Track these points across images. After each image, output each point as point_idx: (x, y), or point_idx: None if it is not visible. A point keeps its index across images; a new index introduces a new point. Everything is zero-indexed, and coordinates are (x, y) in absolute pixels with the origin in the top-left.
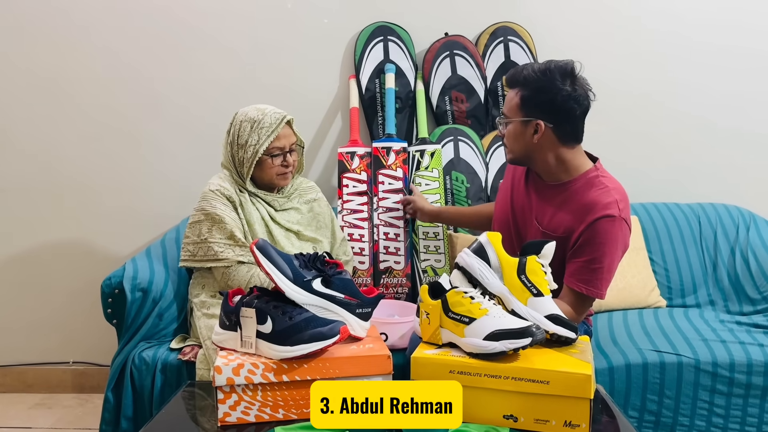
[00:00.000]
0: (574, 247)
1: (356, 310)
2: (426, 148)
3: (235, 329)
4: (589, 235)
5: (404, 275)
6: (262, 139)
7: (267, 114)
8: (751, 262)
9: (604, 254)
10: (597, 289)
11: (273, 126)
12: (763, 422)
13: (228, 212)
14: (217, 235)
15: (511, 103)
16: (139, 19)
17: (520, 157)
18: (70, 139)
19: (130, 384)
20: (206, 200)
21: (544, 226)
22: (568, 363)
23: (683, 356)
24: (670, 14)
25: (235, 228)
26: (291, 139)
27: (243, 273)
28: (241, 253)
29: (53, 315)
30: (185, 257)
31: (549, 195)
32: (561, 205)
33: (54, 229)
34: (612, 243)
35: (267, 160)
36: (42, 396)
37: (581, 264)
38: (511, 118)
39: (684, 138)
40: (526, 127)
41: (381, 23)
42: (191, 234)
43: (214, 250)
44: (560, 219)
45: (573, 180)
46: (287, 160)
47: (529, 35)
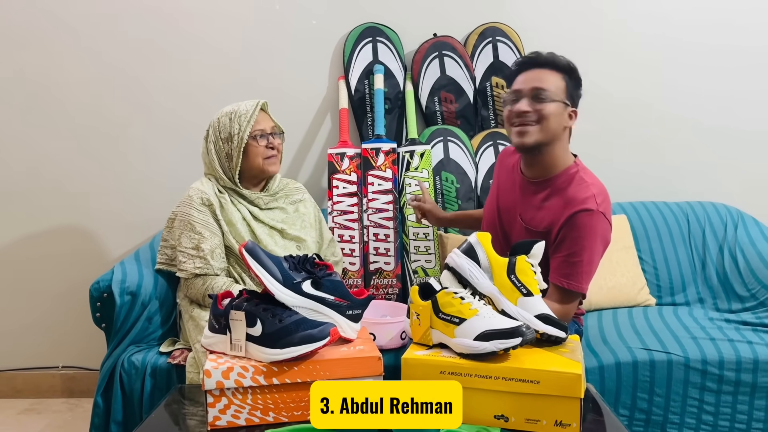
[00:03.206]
0: (555, 243)
1: (346, 312)
2: (416, 149)
3: (224, 332)
4: (567, 229)
5: (395, 276)
6: (243, 125)
7: (241, 104)
8: (739, 259)
9: (583, 248)
10: (578, 282)
11: (250, 111)
12: (752, 419)
13: (201, 218)
14: (184, 242)
15: (556, 84)
16: (127, 21)
17: (548, 139)
18: (58, 142)
19: (119, 388)
20: (182, 205)
21: (527, 221)
22: (558, 362)
23: (673, 354)
24: (656, 16)
25: (204, 239)
26: (269, 123)
27: (198, 286)
28: (200, 265)
29: (42, 319)
30: (161, 260)
31: (532, 191)
32: (543, 201)
33: (42, 232)
34: (591, 237)
35: (252, 145)
36: (31, 401)
37: (561, 259)
38: (556, 97)
39: (672, 137)
40: (565, 110)
41: (370, 24)
42: (168, 237)
43: (179, 259)
44: (542, 215)
45: (556, 176)
46: (272, 142)
47: (517, 36)
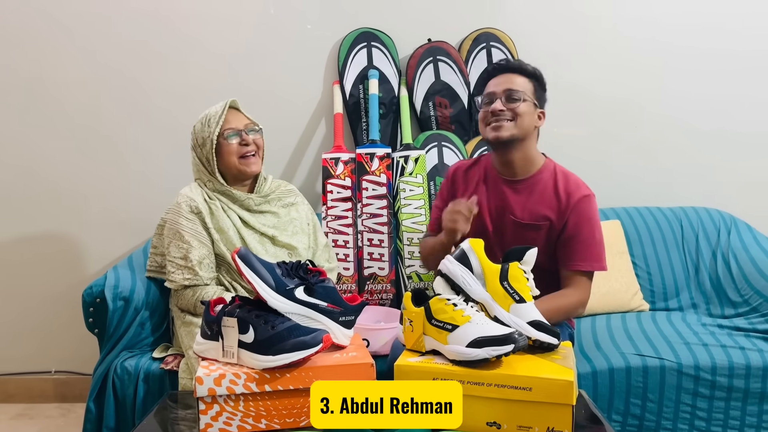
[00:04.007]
0: (564, 233)
1: (339, 318)
2: (410, 154)
3: (216, 339)
4: (576, 217)
5: (389, 281)
6: (213, 128)
7: (212, 108)
8: (732, 265)
9: (593, 229)
10: (601, 262)
11: (218, 113)
12: (744, 425)
13: (190, 227)
14: (173, 252)
15: (525, 86)
16: (124, 23)
17: (522, 135)
18: (53, 143)
19: (112, 394)
20: (170, 212)
21: (520, 217)
22: (550, 369)
23: (666, 360)
24: (647, 20)
25: (192, 248)
26: (243, 121)
27: (188, 297)
28: (188, 276)
29: (34, 323)
30: (151, 267)
31: (517, 189)
32: (530, 196)
33: (35, 235)
34: (597, 217)
35: (224, 144)
36: (23, 406)
37: (580, 245)
38: (527, 98)
39: (665, 142)
40: (535, 111)
41: (364, 29)
42: (158, 245)
43: (168, 269)
44: (536, 209)
45: (538, 172)
46: (245, 139)
47: (511, 41)
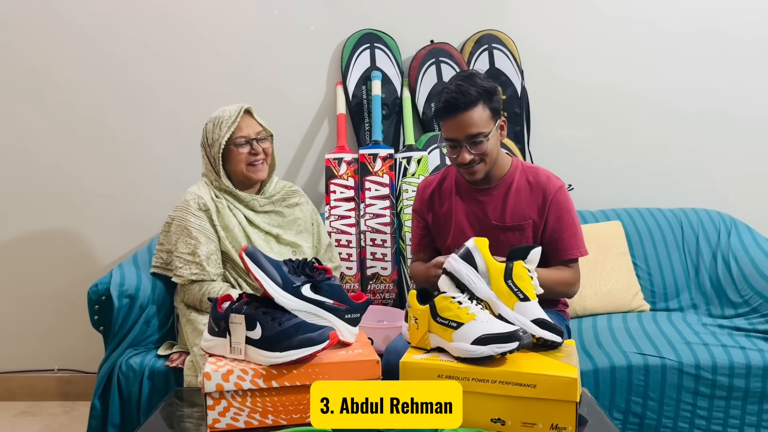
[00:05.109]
0: (548, 228)
1: (345, 316)
2: (412, 155)
3: (224, 335)
4: (556, 210)
5: (391, 281)
6: (224, 132)
7: (226, 110)
8: (732, 266)
9: (573, 218)
10: (583, 248)
11: (232, 117)
12: (744, 424)
13: (198, 223)
14: (181, 247)
15: (482, 117)
16: (129, 23)
17: (492, 164)
18: (57, 142)
19: (117, 391)
20: (179, 210)
21: (500, 220)
22: (554, 367)
23: (667, 359)
24: (651, 22)
25: (200, 244)
26: (255, 128)
27: (195, 292)
28: (196, 271)
29: (38, 322)
30: (156, 264)
31: (492, 195)
32: (507, 198)
33: (40, 233)
34: (572, 205)
35: (233, 151)
36: (26, 404)
37: (565, 236)
38: (489, 132)
39: (666, 144)
40: (497, 131)
41: (367, 30)
42: (165, 242)
43: (176, 264)
44: (513, 210)
45: (508, 175)
46: (255, 149)
47: (513, 43)
